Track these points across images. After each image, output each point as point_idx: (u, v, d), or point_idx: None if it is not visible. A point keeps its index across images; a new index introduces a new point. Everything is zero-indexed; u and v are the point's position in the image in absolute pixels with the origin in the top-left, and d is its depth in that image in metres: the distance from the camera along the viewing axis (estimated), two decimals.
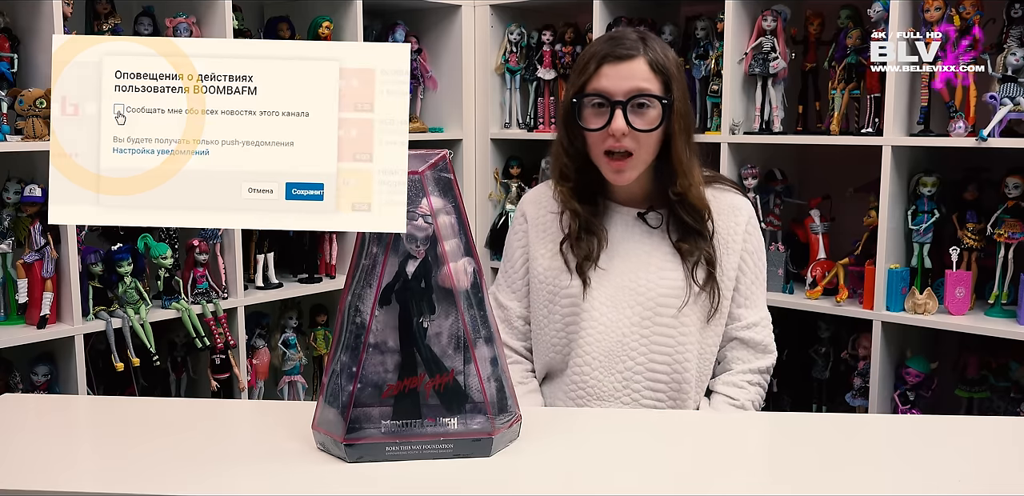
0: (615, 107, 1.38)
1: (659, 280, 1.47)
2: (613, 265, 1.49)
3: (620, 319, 1.47)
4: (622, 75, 1.39)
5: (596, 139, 1.42)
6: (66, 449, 1.12)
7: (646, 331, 1.46)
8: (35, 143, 2.07)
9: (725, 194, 1.53)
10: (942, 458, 1.11)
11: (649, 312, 1.47)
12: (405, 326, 1.05)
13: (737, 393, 1.50)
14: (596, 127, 1.40)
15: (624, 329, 1.47)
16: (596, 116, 1.41)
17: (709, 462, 1.10)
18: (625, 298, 1.47)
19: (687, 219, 1.46)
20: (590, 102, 1.41)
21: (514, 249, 1.59)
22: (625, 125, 1.38)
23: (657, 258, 1.48)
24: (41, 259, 2.13)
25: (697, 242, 1.47)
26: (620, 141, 1.39)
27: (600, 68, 1.40)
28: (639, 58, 1.40)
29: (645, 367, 1.46)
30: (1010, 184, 2.22)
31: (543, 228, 1.55)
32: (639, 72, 1.40)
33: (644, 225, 1.50)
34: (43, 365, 2.21)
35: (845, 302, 2.42)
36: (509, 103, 3.13)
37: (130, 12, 2.43)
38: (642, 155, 1.42)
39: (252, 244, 2.61)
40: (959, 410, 2.46)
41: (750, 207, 1.55)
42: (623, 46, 1.41)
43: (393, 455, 1.04)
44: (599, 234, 1.49)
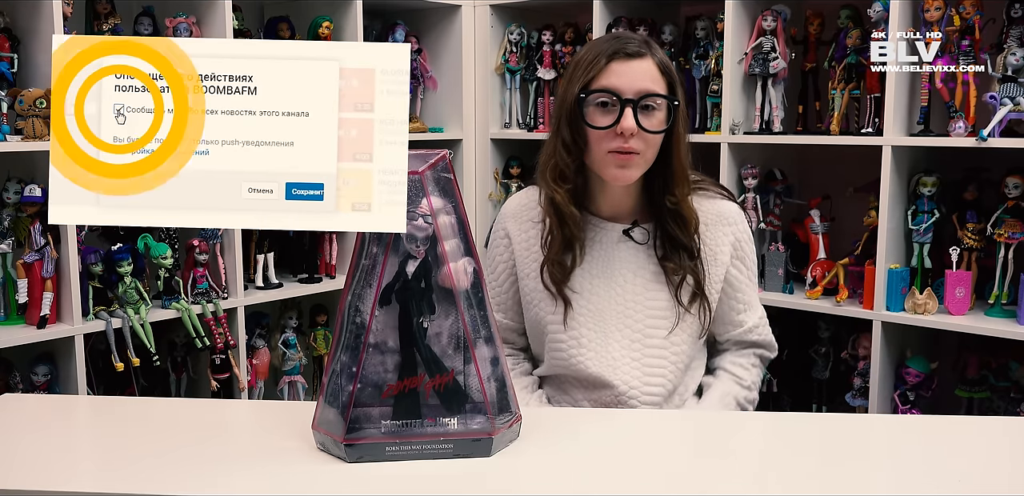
0: (625, 106, 1.34)
1: (646, 302, 1.44)
2: (598, 287, 1.45)
3: (610, 343, 1.43)
4: (633, 73, 1.35)
5: (600, 138, 1.36)
6: (66, 449, 1.12)
7: (636, 354, 1.43)
8: (35, 143, 2.07)
9: (712, 202, 1.49)
10: (942, 458, 1.11)
11: (638, 334, 1.43)
12: (405, 326, 1.05)
13: (744, 374, 1.50)
14: (604, 125, 1.35)
15: (615, 353, 1.43)
16: (602, 114, 1.36)
17: (709, 462, 1.10)
18: (613, 321, 1.44)
19: (675, 232, 1.41)
20: (597, 99, 1.36)
21: (497, 264, 1.54)
22: (635, 124, 1.33)
23: (643, 278, 1.44)
24: (41, 259, 2.13)
25: (683, 259, 1.43)
26: (628, 141, 1.34)
27: (609, 64, 1.36)
28: (648, 58, 1.37)
29: (640, 390, 1.43)
30: (1010, 184, 2.22)
31: (527, 246, 1.50)
32: (649, 72, 1.36)
33: (629, 242, 1.45)
34: (43, 365, 2.20)
35: (845, 302, 2.42)
36: (509, 103, 3.13)
37: (130, 12, 2.43)
38: (647, 156, 1.38)
39: (252, 244, 2.61)
40: (959, 410, 2.46)
41: (739, 213, 1.50)
42: (632, 44, 1.37)
43: (393, 455, 1.04)
44: (575, 249, 1.43)
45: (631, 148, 1.35)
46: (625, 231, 1.46)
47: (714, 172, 2.55)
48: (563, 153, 1.40)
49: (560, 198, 1.41)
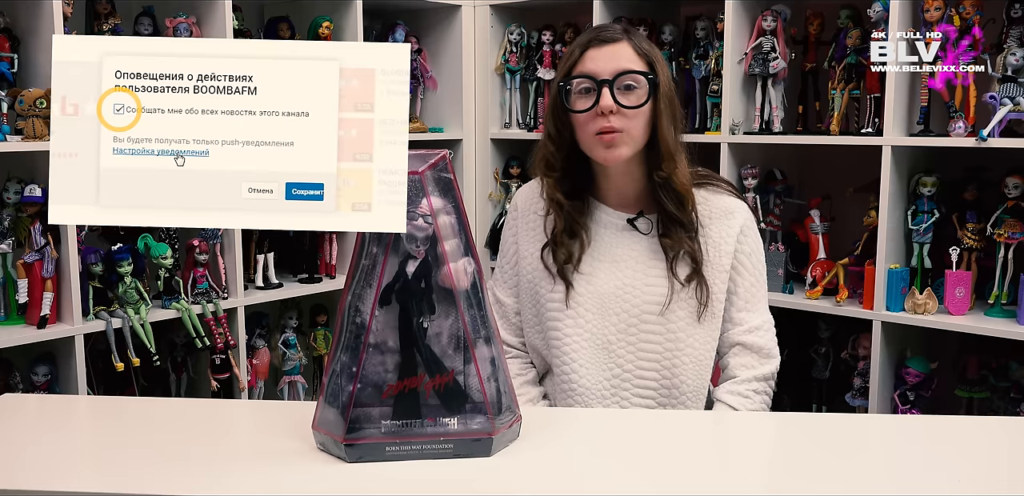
0: (602, 86, 1.39)
1: (645, 287, 1.46)
2: (600, 271, 1.47)
3: (606, 325, 1.46)
4: (607, 56, 1.40)
5: (585, 122, 1.41)
6: (66, 449, 1.12)
7: (632, 338, 1.45)
8: (35, 143, 2.07)
9: (719, 196, 1.51)
10: (942, 458, 1.10)
11: (635, 318, 1.45)
12: (405, 326, 1.05)
13: (741, 403, 1.47)
14: (585, 108, 1.40)
15: (610, 336, 1.45)
16: (584, 99, 1.41)
17: (709, 462, 1.10)
18: (611, 305, 1.46)
19: (669, 207, 1.44)
20: (578, 85, 1.41)
21: (508, 244, 1.59)
22: (613, 102, 1.38)
23: (644, 265, 1.46)
24: (41, 259, 2.13)
25: (679, 236, 1.45)
26: (609, 121, 1.39)
27: (585, 52, 1.42)
28: (623, 41, 1.42)
29: (633, 374, 1.45)
30: (1010, 184, 2.22)
31: (531, 227, 1.54)
32: (624, 53, 1.41)
33: (633, 231, 1.48)
34: (43, 365, 2.21)
35: (845, 302, 2.42)
36: (509, 103, 3.13)
37: (130, 12, 2.43)
38: (632, 134, 1.41)
39: (252, 244, 2.62)
40: (959, 410, 2.46)
41: (746, 209, 1.52)
42: (607, 31, 1.43)
43: (393, 455, 1.04)
44: (581, 236, 1.47)
45: (613, 127, 1.39)
46: (630, 220, 1.48)
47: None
48: (548, 144, 1.47)
49: (549, 187, 1.48)
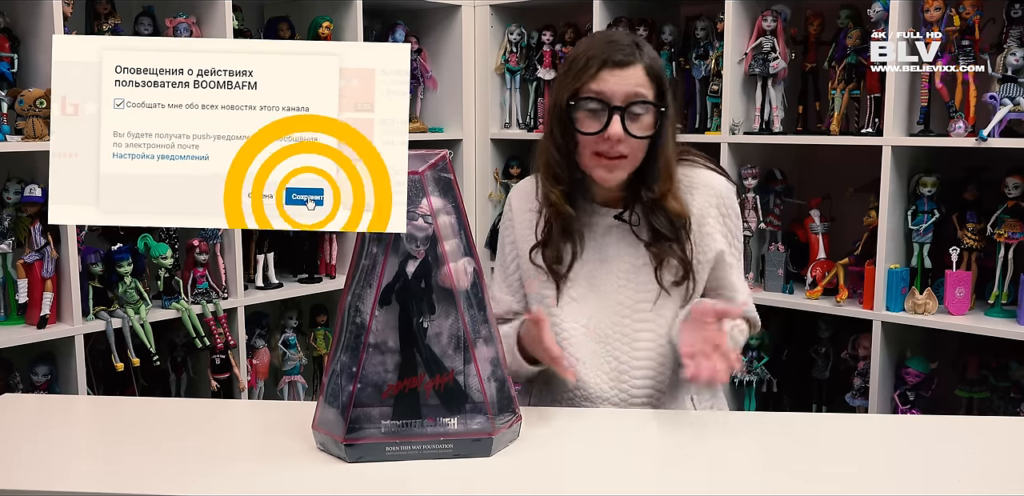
0: (613, 112, 1.38)
1: (636, 280, 1.47)
2: (590, 267, 1.48)
3: (602, 319, 1.47)
4: (621, 81, 1.39)
5: (589, 141, 1.41)
6: (66, 449, 1.12)
7: (627, 330, 1.47)
8: (35, 143, 2.07)
9: (697, 171, 1.52)
10: (942, 458, 1.11)
11: (627, 309, 1.47)
12: (405, 326, 1.05)
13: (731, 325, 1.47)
14: (592, 131, 1.40)
15: (607, 330, 1.47)
16: (591, 119, 1.40)
17: (708, 462, 1.10)
18: (605, 300, 1.47)
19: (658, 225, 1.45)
20: (586, 105, 1.40)
21: (506, 243, 1.59)
22: (622, 131, 1.38)
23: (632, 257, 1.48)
24: (41, 259, 2.13)
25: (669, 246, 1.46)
26: (615, 146, 1.39)
27: (599, 72, 1.40)
28: (637, 64, 1.40)
29: (630, 365, 1.46)
30: (1010, 184, 2.22)
31: (526, 225, 1.54)
32: (637, 78, 1.40)
33: (622, 225, 1.49)
34: (43, 365, 2.20)
35: (845, 302, 2.42)
36: (509, 103, 3.13)
37: (130, 12, 2.43)
38: (634, 159, 1.42)
39: (252, 244, 2.61)
40: (959, 410, 2.46)
41: (726, 184, 1.53)
42: (622, 52, 1.40)
43: (393, 455, 1.04)
44: (574, 237, 1.48)
45: (618, 153, 1.39)
46: (617, 216, 1.49)
47: None
48: (555, 153, 1.46)
49: (555, 198, 1.47)
